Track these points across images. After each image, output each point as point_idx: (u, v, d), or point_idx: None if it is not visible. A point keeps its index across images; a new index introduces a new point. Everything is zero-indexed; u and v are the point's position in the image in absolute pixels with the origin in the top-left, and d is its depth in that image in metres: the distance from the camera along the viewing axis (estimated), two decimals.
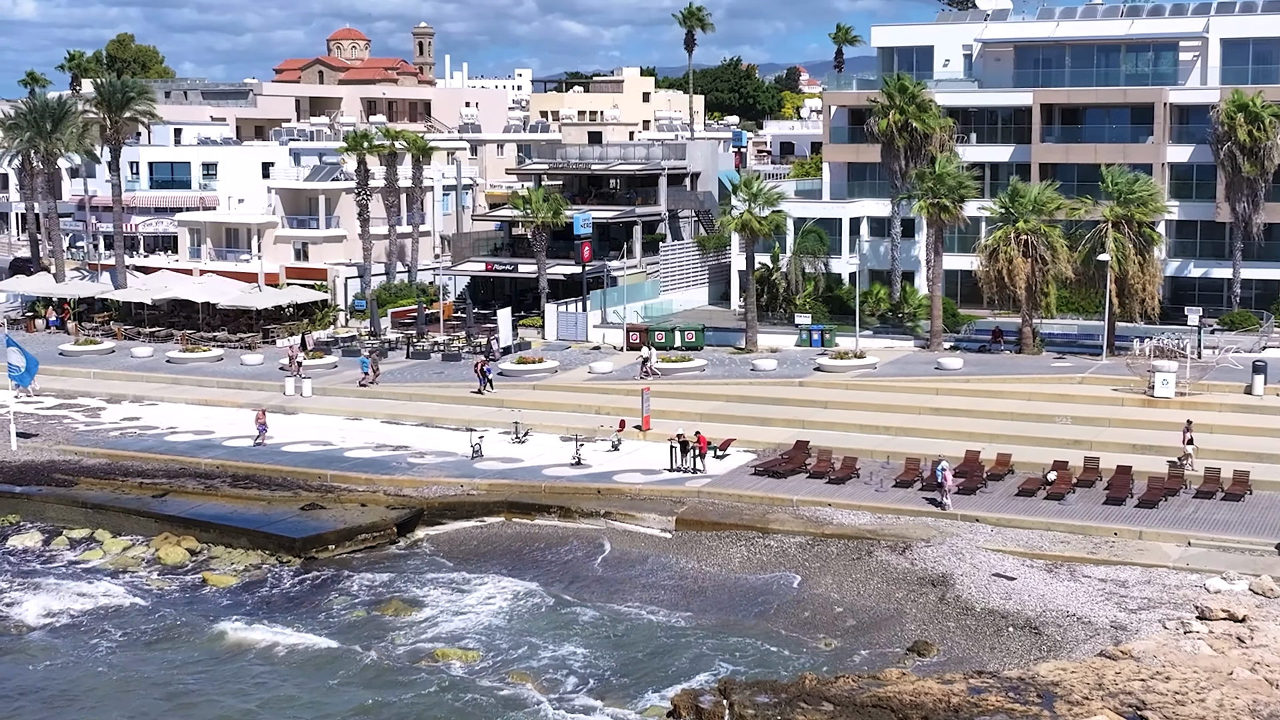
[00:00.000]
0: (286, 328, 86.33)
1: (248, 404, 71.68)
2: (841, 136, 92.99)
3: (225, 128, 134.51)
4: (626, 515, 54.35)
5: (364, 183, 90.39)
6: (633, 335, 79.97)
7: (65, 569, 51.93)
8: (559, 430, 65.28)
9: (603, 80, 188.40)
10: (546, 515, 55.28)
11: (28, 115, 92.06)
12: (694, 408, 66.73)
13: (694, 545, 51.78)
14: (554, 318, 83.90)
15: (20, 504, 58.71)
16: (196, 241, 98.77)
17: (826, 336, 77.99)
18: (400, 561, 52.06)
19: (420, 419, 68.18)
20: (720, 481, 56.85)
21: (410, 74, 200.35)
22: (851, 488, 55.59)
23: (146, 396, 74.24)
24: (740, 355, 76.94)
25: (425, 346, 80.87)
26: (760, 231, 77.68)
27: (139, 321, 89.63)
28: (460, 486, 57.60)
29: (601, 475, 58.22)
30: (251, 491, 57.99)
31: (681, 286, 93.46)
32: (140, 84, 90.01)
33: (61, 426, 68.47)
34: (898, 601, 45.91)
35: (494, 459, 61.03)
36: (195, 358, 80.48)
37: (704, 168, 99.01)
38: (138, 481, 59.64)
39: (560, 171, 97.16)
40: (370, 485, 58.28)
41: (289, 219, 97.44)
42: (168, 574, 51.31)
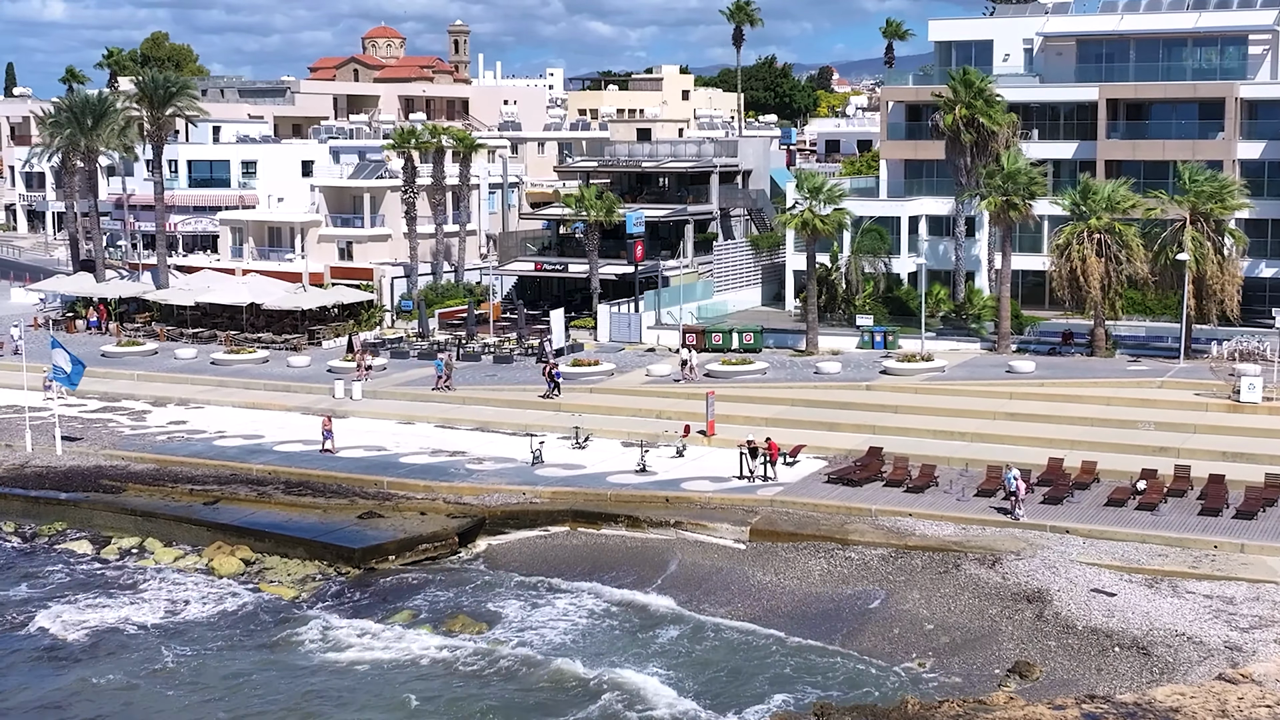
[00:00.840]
0: (332, 329, 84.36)
1: (296, 407, 69.77)
2: (899, 133, 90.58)
3: (263, 125, 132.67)
4: (697, 525, 52.13)
5: (410, 180, 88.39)
6: (689, 337, 77.73)
7: (116, 579, 49.93)
8: (619, 435, 63.19)
9: (641, 78, 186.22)
10: (613, 525, 53.12)
11: (68, 111, 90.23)
12: (757, 412, 64.50)
13: (770, 557, 49.55)
14: (607, 319, 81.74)
15: (67, 511, 56.88)
16: (238, 241, 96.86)
17: (889, 338, 75.70)
18: (464, 573, 49.99)
19: (475, 423, 66.08)
20: (793, 490, 54.59)
21: (446, 72, 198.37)
22: (931, 497, 53.26)
23: (192, 399, 72.32)
24: (801, 357, 74.70)
25: (476, 348, 78.80)
26: (823, 230, 75.39)
27: (181, 322, 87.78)
28: (522, 494, 55.46)
29: (668, 483, 56.03)
30: (306, 499, 55.96)
31: (735, 287, 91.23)
32: (182, 79, 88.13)
33: (107, 430, 66.57)
34: (991, 618, 43.59)
35: (555, 465, 58.89)
36: (240, 359, 78.56)
37: (755, 165, 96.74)
38: (187, 488, 57.66)
39: (609, 169, 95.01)
40: (429, 493, 56.19)
41: (332, 217, 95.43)
42: (222, 585, 49.31)
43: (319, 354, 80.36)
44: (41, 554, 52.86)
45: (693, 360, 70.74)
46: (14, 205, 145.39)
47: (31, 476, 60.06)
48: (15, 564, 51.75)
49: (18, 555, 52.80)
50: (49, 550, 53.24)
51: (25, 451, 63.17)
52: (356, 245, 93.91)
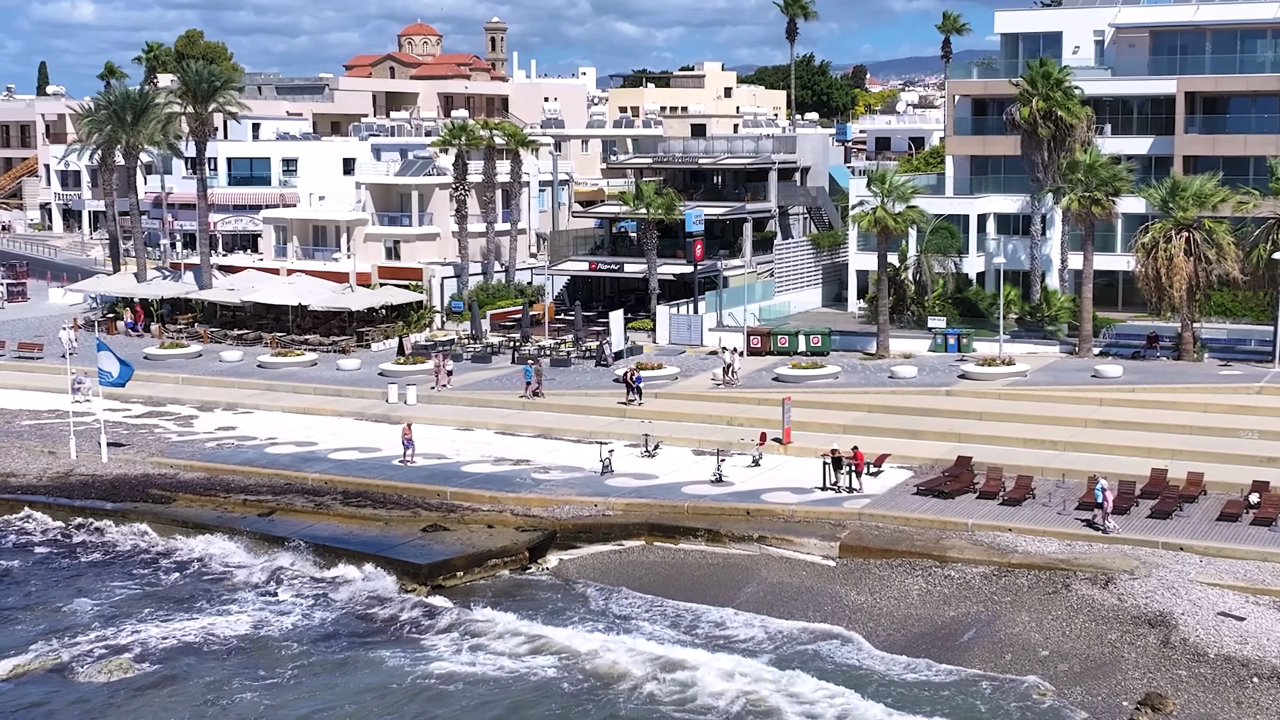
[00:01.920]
0: (381, 330, 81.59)
1: (349, 413, 67.02)
2: (965, 128, 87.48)
3: (303, 122, 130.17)
4: (783, 540, 49.15)
5: (462, 177, 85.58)
6: (754, 339, 74.75)
7: (178, 594, 47.16)
8: (689, 443, 60.29)
9: (683, 75, 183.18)
10: (692, 539, 50.18)
11: (108, 107, 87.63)
12: (833, 419, 61.51)
13: (862, 575, 46.57)
14: (666, 320, 78.75)
15: (115, 520, 54.15)
16: (282, 240, 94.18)
17: (963, 341, 72.60)
18: (536, 591, 47.09)
19: (536, 430, 63.19)
20: (881, 502, 51.55)
21: (483, 70, 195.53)
22: (1029, 510, 50.15)
23: (240, 404, 69.60)
24: (872, 361, 71.65)
25: (531, 351, 75.93)
26: (895, 229, 72.33)
27: (225, 323, 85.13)
28: (594, 506, 52.54)
29: (748, 494, 53.05)
30: (366, 510, 53.15)
31: (795, 287, 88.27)
32: (226, 73, 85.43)
33: (153, 437, 63.88)
34: (1112, 644, 40.50)
35: (625, 475, 55.97)
36: (288, 362, 75.82)
37: (814, 162, 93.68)
38: (241, 498, 54.93)
39: (663, 166, 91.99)
40: (495, 504, 53.31)
41: (379, 216, 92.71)
42: (284, 599, 46.51)
43: (368, 356, 77.61)
44: (96, 565, 50.12)
45: (736, 364, 67.82)
46: (49, 204, 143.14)
47: (77, 485, 57.44)
48: (68, 576, 49.03)
49: (68, 566, 50.06)
50: (107, 562, 50.51)
51: (70, 459, 60.52)
52: (404, 244, 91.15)
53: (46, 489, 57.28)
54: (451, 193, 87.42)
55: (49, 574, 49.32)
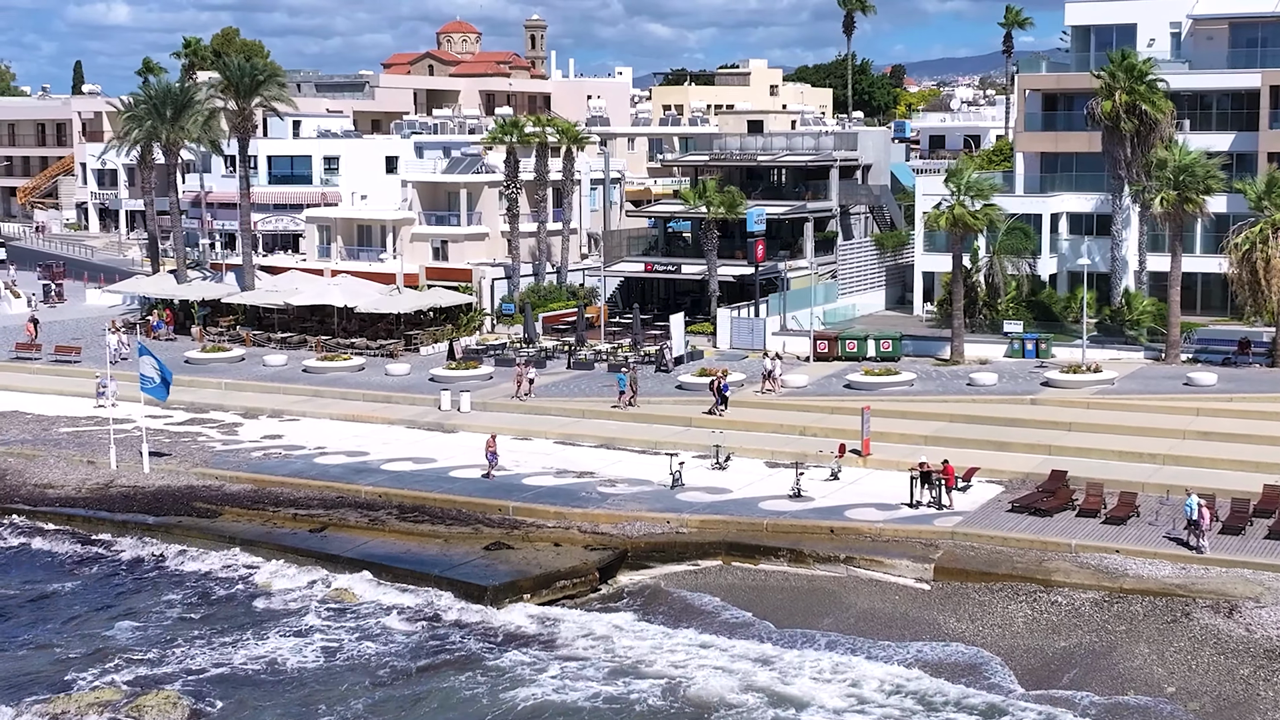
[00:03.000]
0: (430, 334, 78.53)
1: (400, 420, 63.98)
2: (1035, 124, 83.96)
3: (343, 120, 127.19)
4: (872, 561, 45.84)
5: (514, 175, 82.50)
6: (820, 344, 71.45)
7: (228, 618, 44.08)
8: (760, 454, 57.08)
9: (727, 73, 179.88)
10: (773, 559, 46.91)
11: (148, 102, 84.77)
12: (912, 428, 58.27)
13: (961, 600, 43.27)
14: (727, 324, 75.49)
15: (158, 536, 51.19)
16: (325, 239, 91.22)
17: (1042, 346, 69.16)
18: (608, 614, 43.79)
19: (598, 439, 60.01)
20: (974, 520, 48.19)
21: (522, 68, 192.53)
22: (1135, 529, 46.74)
23: (286, 411, 66.61)
24: (947, 367, 68.28)
25: (588, 355, 72.80)
26: (974, 227, 68.93)
27: (267, 326, 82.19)
28: (666, 523, 49.31)
29: (830, 510, 49.75)
30: (424, 526, 50.04)
31: (859, 289, 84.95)
32: (270, 67, 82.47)
33: (196, 445, 60.91)
34: (1245, 681, 37.13)
35: (696, 489, 52.75)
36: (335, 367, 72.83)
37: (875, 159, 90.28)
38: (291, 512, 51.88)
39: (720, 163, 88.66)
40: (561, 520, 50.14)
41: (426, 215, 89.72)
42: (342, 624, 43.39)
43: (417, 361, 74.55)
44: (138, 585, 47.11)
45: (778, 371, 64.63)
46: (85, 204, 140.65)
47: (118, 497, 54.53)
48: (108, 597, 46.04)
49: (108, 586, 47.07)
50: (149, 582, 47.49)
51: (110, 469, 57.63)
52: (452, 244, 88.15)
53: (86, 501, 54.39)
54: (502, 191, 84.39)
55: (88, 595, 46.33)
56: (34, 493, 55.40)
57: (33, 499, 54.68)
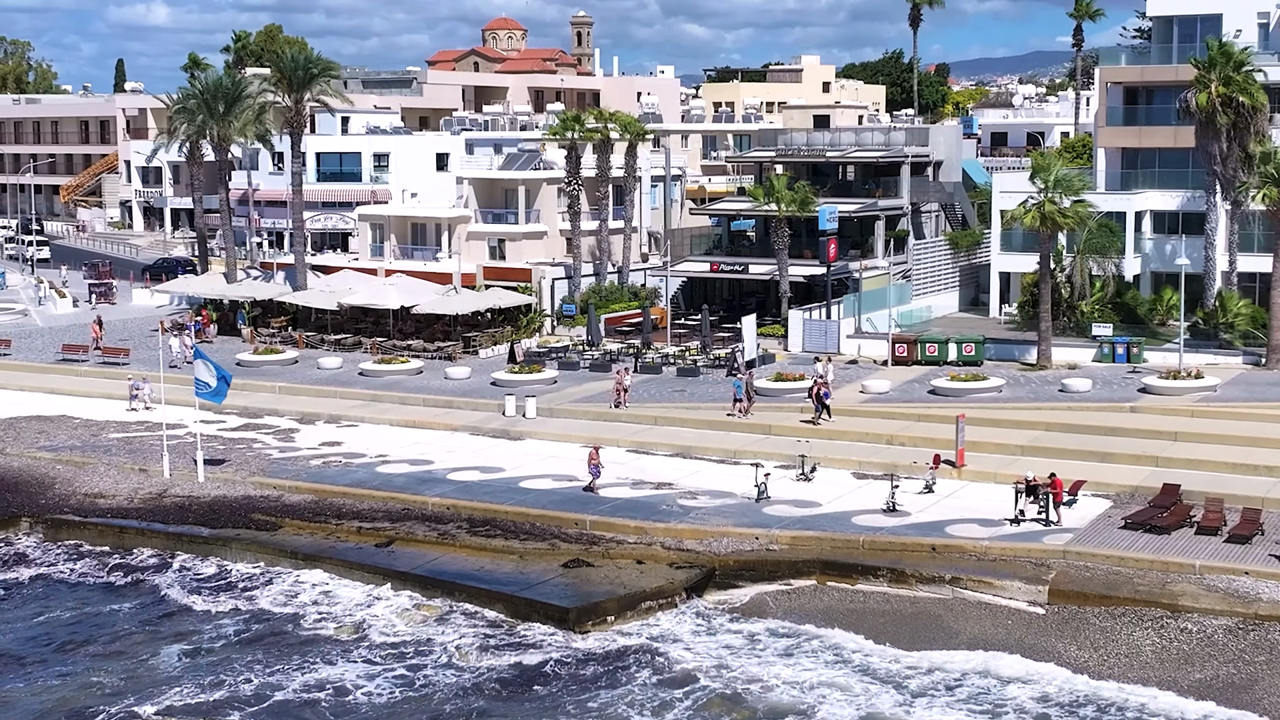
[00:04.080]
0: (490, 336, 75.75)
1: (463, 427, 61.17)
2: (1116, 118, 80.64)
3: (392, 116, 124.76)
4: (980, 582, 42.74)
5: (575, 171, 79.61)
6: (898, 347, 68.34)
7: (288, 642, 41.23)
8: (845, 464, 54.03)
9: (780, 69, 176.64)
10: (872, 579, 43.87)
11: (199, 96, 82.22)
12: (1007, 438, 55.13)
13: (1080, 626, 40.13)
14: (799, 326, 72.45)
15: (214, 550, 48.44)
16: (378, 238, 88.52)
17: (1134, 351, 65.90)
18: (706, 636, 40.76)
19: (673, 448, 57.05)
20: (1086, 538, 45.03)
21: (569, 65, 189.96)
22: (1262, 549, 43.51)
23: (344, 416, 63.88)
24: (1034, 372, 65.14)
25: (655, 359, 69.88)
26: (1063, 225, 65.69)
27: (320, 327, 79.53)
28: (755, 539, 46.31)
29: (929, 526, 46.67)
30: (497, 541, 47.15)
31: (933, 290, 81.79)
32: (324, 60, 79.72)
33: (252, 453, 58.20)
34: None
35: (783, 502, 49.73)
36: (392, 370, 70.10)
37: (946, 156, 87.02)
38: (355, 525, 49.08)
39: (786, 159, 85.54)
40: (642, 535, 47.19)
41: (482, 213, 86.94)
42: (415, 649, 40.52)
43: (476, 364, 71.77)
44: (189, 603, 44.32)
45: (829, 377, 61.57)
46: (130, 202, 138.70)
47: (172, 508, 51.80)
48: (158, 619, 43.26)
49: (156, 604, 44.32)
50: (201, 600, 44.69)
51: (163, 477, 54.97)
52: (509, 243, 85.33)
53: (139, 512, 51.67)
54: (563, 188, 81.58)
55: (132, 617, 43.23)
56: (84, 502, 52.76)
57: (83, 509, 52.03)
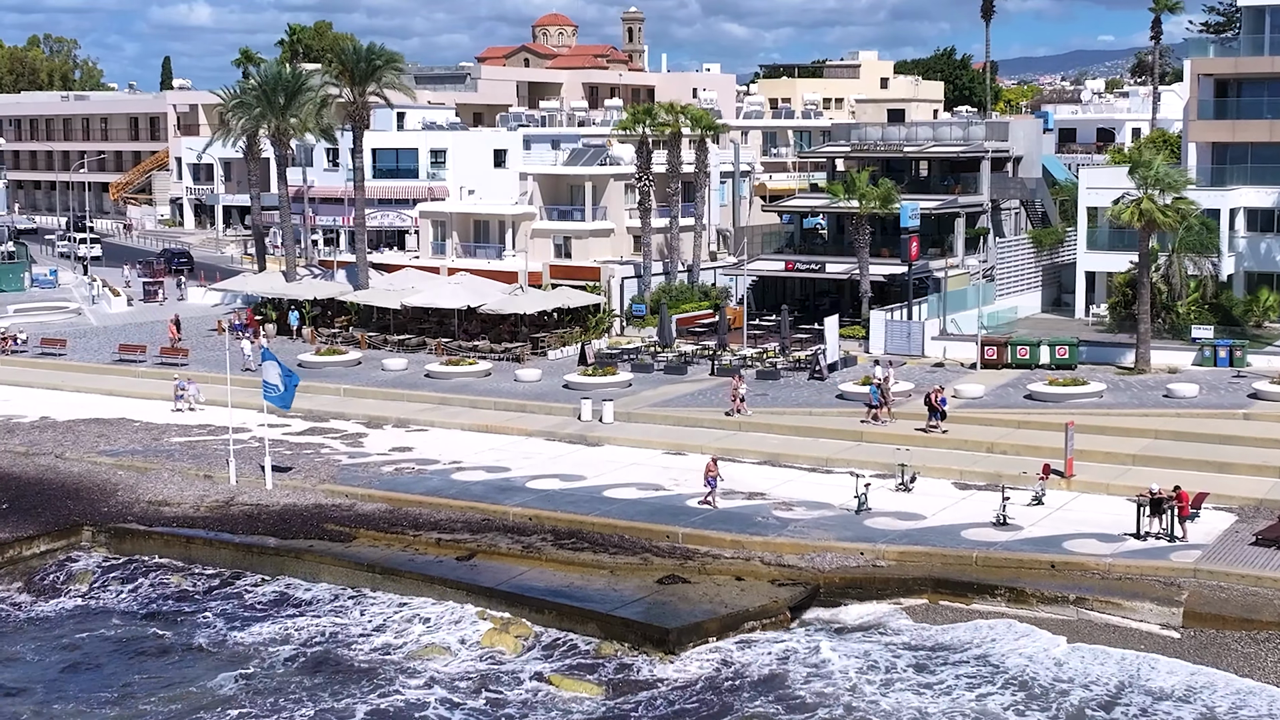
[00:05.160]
0: (558, 337, 73.26)
1: (538, 432, 58.66)
2: (1207, 112, 77.51)
3: (448, 112, 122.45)
4: (1106, 603, 39.92)
5: (646, 167, 77.04)
6: (988, 350, 65.49)
7: (364, 666, 38.73)
8: (944, 473, 51.24)
9: (836, 65, 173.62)
10: (989, 598, 41.10)
11: (257, 89, 79.99)
12: (1115, 446, 52.26)
13: (1222, 653, 37.28)
14: (881, 327, 69.67)
15: (286, 563, 46.00)
16: (440, 235, 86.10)
17: (1237, 354, 62.89)
18: (811, 663, 38.06)
19: (760, 455, 54.35)
20: (1217, 555, 42.13)
21: (620, 61, 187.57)
22: None
23: (412, 420, 61.46)
24: (1132, 376, 62.16)
25: (732, 361, 67.23)
26: (1163, 223, 62.70)
27: (382, 327, 77.19)
28: (860, 554, 43.60)
29: (1045, 541, 43.84)
30: (585, 555, 44.58)
31: (1014, 290, 78.88)
32: (388, 52, 77.36)
33: (320, 458, 55.79)
34: None
35: (884, 514, 46.98)
36: (460, 372, 67.65)
37: (1026, 151, 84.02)
38: (434, 537, 46.57)
39: (861, 154, 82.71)
40: (739, 549, 44.53)
41: (547, 209, 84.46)
42: (497, 670, 37.99)
43: (546, 365, 69.30)
44: (253, 621, 41.91)
45: (892, 378, 58.83)
46: (180, 199, 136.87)
47: (240, 517, 49.41)
48: (215, 639, 40.80)
49: (216, 623, 41.88)
50: (265, 617, 42.27)
51: (229, 484, 52.61)
52: (575, 241, 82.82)
53: (205, 521, 49.32)
54: (633, 184, 79.08)
55: (187, 635, 40.79)
56: (148, 511, 50.43)
57: (147, 518, 49.70)
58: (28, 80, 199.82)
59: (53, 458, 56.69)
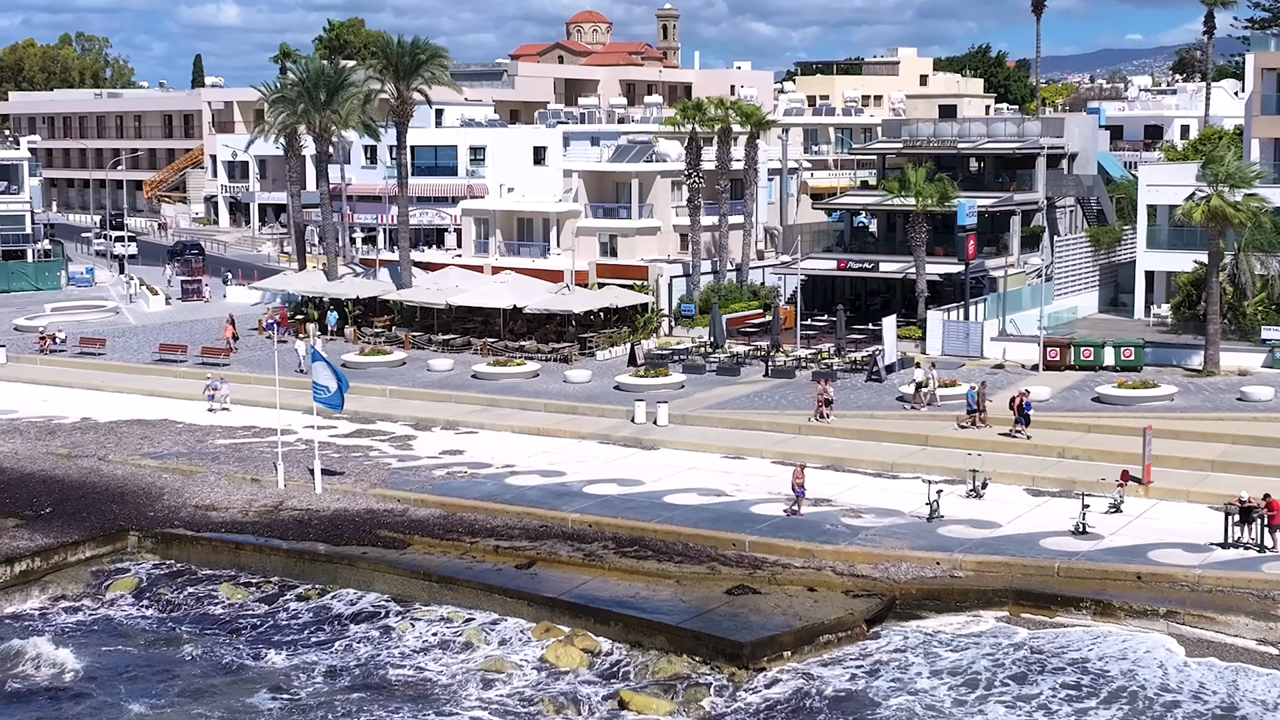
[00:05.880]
0: (606, 337, 71.76)
1: (592, 435, 57.16)
2: (1271, 106, 75.65)
3: (486, 109, 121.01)
4: (1199, 617, 38.23)
5: (696, 163, 75.42)
6: (1051, 351, 63.75)
7: (419, 686, 37.23)
8: (1015, 479, 49.59)
9: (875, 62, 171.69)
10: (1073, 611, 39.44)
11: (299, 84, 78.62)
12: (1193, 451, 50.48)
13: None
14: (938, 328, 67.94)
15: (339, 570, 44.53)
16: (483, 233, 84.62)
17: None
18: (892, 680, 36.43)
19: (823, 459, 52.69)
20: None
21: (655, 58, 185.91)
22: None
23: (461, 422, 59.99)
24: (1202, 378, 60.37)
25: (787, 362, 65.61)
26: (1234, 221, 60.86)
27: (426, 327, 75.76)
28: (936, 564, 41.96)
29: (1128, 551, 42.15)
30: (649, 564, 43.02)
31: (1072, 290, 77.06)
32: (433, 46, 75.88)
33: (369, 461, 54.35)
34: None
35: (957, 521, 45.33)
36: (508, 373, 66.18)
37: (1082, 148, 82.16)
38: (491, 544, 45.05)
39: (913, 150, 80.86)
40: (810, 559, 42.90)
41: (592, 207, 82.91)
42: (565, 688, 36.46)
43: (594, 366, 67.81)
44: (297, 630, 40.49)
45: (934, 384, 57.24)
46: (215, 197, 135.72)
47: (290, 522, 47.96)
48: (252, 653, 39.36)
49: (254, 637, 40.44)
50: (309, 625, 40.84)
51: (277, 489, 51.18)
52: (621, 239, 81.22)
53: (255, 526, 47.89)
54: (683, 181, 77.48)
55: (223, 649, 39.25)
56: (195, 515, 49.05)
57: (195, 523, 48.31)
58: (59, 79, 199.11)
59: (96, 460, 55.38)
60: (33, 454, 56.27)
